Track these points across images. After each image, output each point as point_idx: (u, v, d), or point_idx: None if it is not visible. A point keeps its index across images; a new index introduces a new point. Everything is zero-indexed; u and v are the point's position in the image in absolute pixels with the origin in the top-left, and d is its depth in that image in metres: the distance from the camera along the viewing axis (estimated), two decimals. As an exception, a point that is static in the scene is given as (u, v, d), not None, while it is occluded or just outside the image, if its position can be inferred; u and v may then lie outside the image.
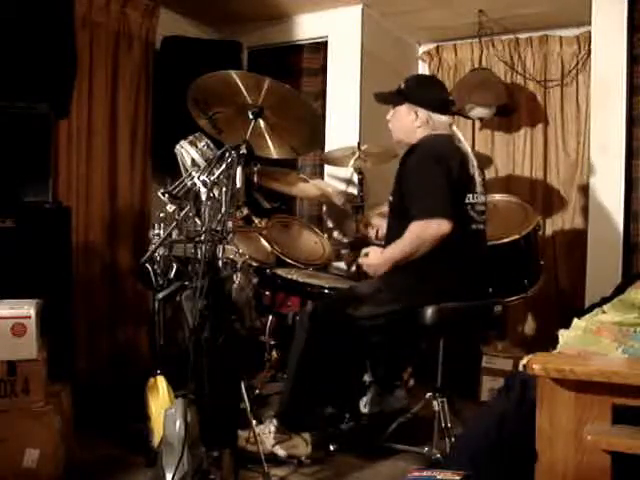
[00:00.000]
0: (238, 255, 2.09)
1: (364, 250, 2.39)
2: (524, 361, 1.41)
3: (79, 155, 3.25)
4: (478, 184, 2.34)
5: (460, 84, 3.86)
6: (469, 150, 2.38)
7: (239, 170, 1.94)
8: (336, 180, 3.73)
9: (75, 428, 2.29)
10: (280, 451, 2.23)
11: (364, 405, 2.56)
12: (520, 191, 3.84)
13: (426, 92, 2.42)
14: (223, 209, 1.84)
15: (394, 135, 2.48)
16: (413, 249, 2.20)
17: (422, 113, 2.36)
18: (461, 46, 4.17)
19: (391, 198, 2.43)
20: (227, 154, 1.91)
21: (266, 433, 2.25)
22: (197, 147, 2.02)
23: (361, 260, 2.38)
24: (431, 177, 2.21)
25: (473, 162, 2.34)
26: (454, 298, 2.25)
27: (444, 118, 2.39)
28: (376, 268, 2.33)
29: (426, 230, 2.16)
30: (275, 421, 2.27)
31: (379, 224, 2.70)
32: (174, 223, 1.98)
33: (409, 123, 2.38)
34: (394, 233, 2.33)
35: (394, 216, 2.42)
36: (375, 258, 2.33)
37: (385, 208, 3.20)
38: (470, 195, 2.30)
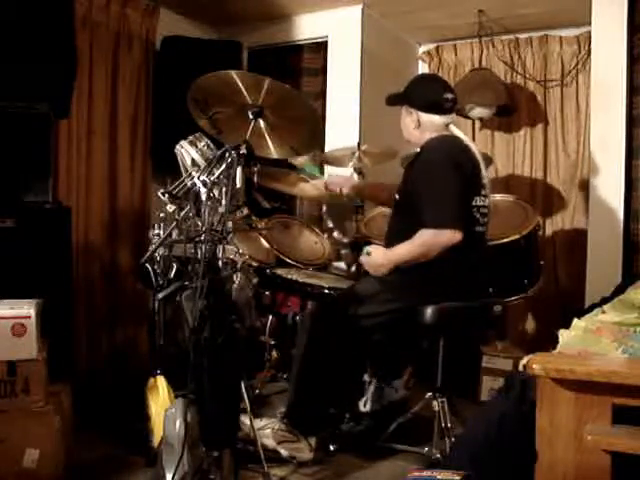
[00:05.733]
0: (238, 255, 2.08)
1: (367, 248, 2.34)
2: (524, 361, 1.41)
3: (79, 155, 3.25)
4: (486, 186, 2.33)
5: (460, 84, 3.86)
6: (477, 151, 2.35)
7: (239, 170, 1.94)
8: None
9: (75, 428, 2.30)
10: (283, 450, 2.23)
11: (364, 404, 2.55)
12: (520, 191, 3.84)
13: (418, 92, 2.39)
14: (223, 209, 1.84)
15: (404, 135, 2.47)
16: (421, 255, 2.19)
17: (415, 114, 2.36)
18: (461, 46, 4.18)
19: (397, 196, 2.41)
20: (227, 154, 1.90)
21: (274, 429, 2.24)
22: (197, 147, 2.02)
23: (363, 259, 2.34)
24: (447, 183, 2.19)
25: (482, 163, 2.32)
26: (454, 298, 2.25)
27: (437, 118, 2.34)
28: (378, 268, 2.29)
29: (438, 239, 2.15)
30: (285, 421, 2.26)
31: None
32: (174, 223, 1.98)
33: (408, 124, 2.39)
34: (396, 231, 2.32)
35: (398, 214, 2.41)
36: (379, 257, 2.29)
37: (381, 209, 3.22)
38: (477, 198, 2.29)
